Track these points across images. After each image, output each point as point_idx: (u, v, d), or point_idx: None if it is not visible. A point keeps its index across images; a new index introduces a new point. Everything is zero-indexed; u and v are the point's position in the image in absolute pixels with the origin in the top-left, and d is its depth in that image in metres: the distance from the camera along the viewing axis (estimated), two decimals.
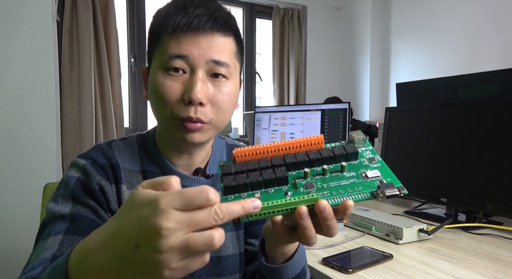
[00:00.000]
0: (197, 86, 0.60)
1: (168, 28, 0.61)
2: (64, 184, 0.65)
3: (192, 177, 0.72)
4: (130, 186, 0.69)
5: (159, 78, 0.62)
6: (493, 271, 0.79)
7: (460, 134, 1.16)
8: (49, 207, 0.64)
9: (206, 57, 0.61)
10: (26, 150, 2.31)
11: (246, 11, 3.65)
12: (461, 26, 2.99)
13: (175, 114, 0.62)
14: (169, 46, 0.61)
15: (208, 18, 0.61)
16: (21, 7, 2.29)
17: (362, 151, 0.52)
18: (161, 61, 0.62)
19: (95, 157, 0.68)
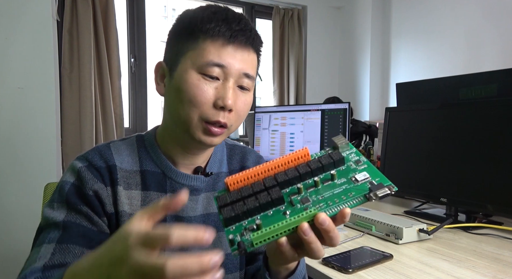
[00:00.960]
0: (229, 94, 0.65)
1: (212, 35, 0.64)
2: (59, 189, 0.66)
3: (192, 175, 0.73)
4: (127, 186, 0.69)
5: (193, 80, 0.64)
6: (493, 271, 0.79)
7: (460, 134, 1.16)
8: (45, 213, 0.65)
9: (240, 70, 0.66)
10: (26, 150, 2.31)
11: (246, 11, 3.65)
12: (461, 26, 2.99)
13: (204, 117, 0.65)
14: (210, 52, 0.64)
15: (249, 35, 0.67)
16: (21, 7, 2.29)
17: (347, 155, 0.54)
18: (198, 64, 0.64)
19: (92, 159, 0.68)
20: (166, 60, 0.70)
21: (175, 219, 0.71)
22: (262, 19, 3.77)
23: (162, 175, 0.72)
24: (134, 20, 3.04)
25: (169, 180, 0.72)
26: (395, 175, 1.36)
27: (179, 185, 0.72)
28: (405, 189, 1.34)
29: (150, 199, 0.70)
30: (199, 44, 0.65)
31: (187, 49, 0.66)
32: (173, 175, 0.72)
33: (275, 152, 1.87)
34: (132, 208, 0.68)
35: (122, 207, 0.67)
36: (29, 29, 2.30)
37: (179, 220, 0.71)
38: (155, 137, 0.74)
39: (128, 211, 0.68)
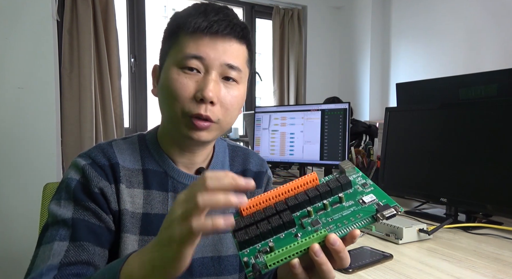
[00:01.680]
0: (210, 85, 0.64)
1: (188, 29, 0.64)
2: (65, 187, 0.66)
3: (194, 175, 0.73)
4: (129, 185, 0.69)
5: (173, 75, 0.65)
6: (493, 271, 0.79)
7: (460, 134, 1.16)
8: (52, 209, 0.64)
9: (221, 60, 0.65)
10: (26, 150, 2.31)
11: (246, 11, 3.65)
12: (461, 26, 2.99)
13: (186, 111, 0.64)
14: (187, 46, 0.64)
15: (227, 24, 0.65)
16: (21, 7, 2.29)
17: (354, 179, 0.56)
18: (177, 59, 0.65)
19: (95, 156, 0.68)
20: (159, 62, 0.72)
21: None
22: (262, 19, 3.77)
23: (164, 174, 0.72)
24: (134, 20, 3.04)
25: (170, 180, 0.72)
26: (395, 175, 1.36)
27: (180, 184, 0.72)
28: (405, 189, 1.34)
29: (152, 198, 0.70)
30: (180, 41, 0.65)
31: (169, 48, 0.67)
32: (175, 175, 0.72)
33: (275, 152, 1.87)
34: (134, 207, 0.68)
35: (124, 206, 0.67)
36: (29, 29, 2.30)
37: None
38: (156, 137, 0.75)
39: (130, 210, 0.67)
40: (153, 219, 0.69)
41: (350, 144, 1.71)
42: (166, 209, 0.71)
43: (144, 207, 0.69)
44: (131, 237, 0.67)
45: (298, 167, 1.90)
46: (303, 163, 1.80)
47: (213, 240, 0.75)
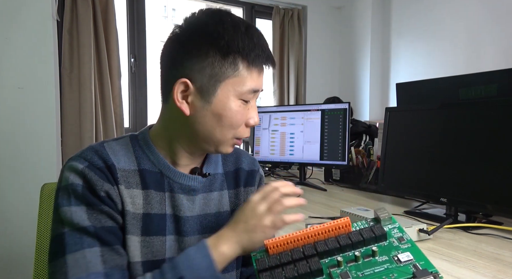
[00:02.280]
0: (256, 113, 0.73)
1: (252, 63, 0.67)
2: (72, 192, 0.64)
3: (190, 175, 0.74)
4: (128, 185, 0.68)
5: (236, 107, 0.69)
6: (493, 271, 0.79)
7: (460, 134, 1.16)
8: (65, 217, 0.63)
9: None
10: (26, 150, 2.31)
11: (246, 11, 3.65)
12: (461, 26, 2.99)
13: (239, 135, 0.72)
14: (251, 80, 0.68)
15: (269, 56, 0.71)
16: (21, 7, 2.29)
17: (389, 230, 0.53)
18: (239, 91, 0.68)
19: (91, 158, 0.67)
20: (192, 79, 0.67)
21: (173, 219, 0.71)
22: (262, 19, 3.77)
23: (160, 174, 0.72)
24: (134, 20, 3.04)
25: (167, 179, 0.72)
26: (395, 175, 1.36)
27: (177, 184, 0.72)
28: (405, 189, 1.34)
29: (151, 197, 0.70)
30: (240, 72, 0.67)
31: (226, 75, 0.66)
32: (171, 174, 0.72)
33: (275, 152, 1.87)
34: (134, 207, 0.68)
35: (126, 207, 0.67)
36: (29, 29, 2.30)
37: (177, 220, 0.72)
38: (150, 138, 0.74)
39: (131, 211, 0.67)
40: (153, 218, 0.69)
41: (350, 144, 1.71)
42: (164, 209, 0.70)
43: (144, 207, 0.69)
44: (133, 238, 0.67)
45: (298, 167, 1.90)
46: (303, 163, 1.80)
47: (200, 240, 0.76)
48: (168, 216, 0.71)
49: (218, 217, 0.77)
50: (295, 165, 2.06)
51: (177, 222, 0.72)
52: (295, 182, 1.82)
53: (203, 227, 0.74)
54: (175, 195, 0.72)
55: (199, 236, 0.74)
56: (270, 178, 2.03)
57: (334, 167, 1.78)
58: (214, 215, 0.76)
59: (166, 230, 0.70)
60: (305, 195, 1.56)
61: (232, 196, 0.80)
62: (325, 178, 1.91)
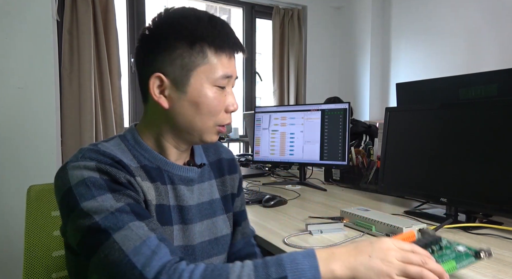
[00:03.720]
0: (235, 99, 0.76)
1: (219, 49, 0.70)
2: (92, 185, 0.61)
3: (187, 167, 0.78)
4: (141, 178, 0.69)
5: (211, 93, 0.71)
6: (493, 271, 0.79)
7: (460, 134, 1.16)
8: (93, 208, 0.59)
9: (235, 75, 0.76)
10: (26, 150, 2.31)
11: (246, 11, 3.66)
12: (461, 26, 2.99)
13: (219, 122, 0.74)
14: (222, 66, 0.71)
15: (239, 42, 0.74)
16: (21, 7, 2.29)
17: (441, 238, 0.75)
18: (212, 78, 0.71)
19: (96, 157, 0.65)
20: (165, 72, 0.70)
21: (178, 208, 0.75)
22: (262, 19, 3.78)
23: (159, 169, 0.74)
24: (134, 20, 3.04)
25: (166, 173, 0.75)
26: (395, 175, 1.36)
27: (176, 176, 0.76)
28: (405, 189, 1.34)
29: (160, 190, 0.73)
30: (209, 59, 0.70)
31: (196, 64, 0.70)
32: (169, 168, 0.76)
33: (275, 152, 1.87)
34: (151, 198, 0.70)
35: (146, 197, 0.69)
36: (29, 29, 2.30)
37: (180, 209, 0.76)
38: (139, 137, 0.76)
39: (150, 201, 0.69)
40: (164, 209, 0.73)
41: (350, 144, 1.71)
42: (168, 201, 0.74)
43: (157, 199, 0.72)
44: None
45: (298, 167, 1.90)
46: (303, 163, 1.80)
47: (207, 225, 0.80)
48: (172, 207, 0.74)
49: (212, 204, 0.83)
50: (295, 165, 2.06)
51: (180, 211, 0.75)
52: (295, 182, 1.82)
53: (202, 214, 0.80)
54: (176, 187, 0.76)
55: (200, 223, 0.79)
56: (270, 178, 2.03)
57: (334, 167, 1.78)
58: (208, 203, 0.82)
59: (173, 220, 0.74)
60: (305, 195, 1.56)
61: (219, 184, 0.87)
62: (325, 178, 1.91)
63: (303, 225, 1.10)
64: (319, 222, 1.10)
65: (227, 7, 3.81)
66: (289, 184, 1.79)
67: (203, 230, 0.79)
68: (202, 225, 0.79)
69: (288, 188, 1.70)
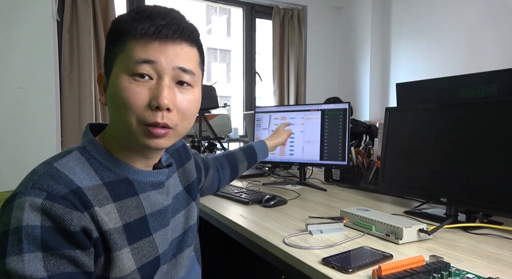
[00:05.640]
0: (164, 92, 0.62)
1: (135, 35, 0.62)
2: (25, 236, 0.53)
3: (156, 171, 0.74)
4: (100, 204, 0.62)
5: (124, 83, 0.62)
6: (493, 271, 0.79)
7: (460, 134, 1.16)
8: (14, 269, 0.52)
9: (173, 64, 0.63)
10: (26, 150, 2.31)
11: (246, 11, 3.66)
12: (461, 26, 2.99)
13: (142, 120, 0.63)
14: (136, 51, 0.62)
15: (176, 28, 0.63)
16: (21, 7, 2.29)
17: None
18: (126, 66, 0.62)
19: (49, 187, 0.57)
20: (104, 70, 0.68)
21: (155, 216, 0.71)
22: (262, 19, 3.78)
23: (127, 181, 0.68)
24: None
25: (135, 182, 0.69)
26: (395, 175, 1.36)
27: (147, 183, 0.71)
28: (405, 189, 1.34)
29: (126, 206, 0.66)
30: (127, 47, 0.63)
31: (116, 54, 0.64)
32: (138, 177, 0.70)
33: (275, 152, 1.86)
34: (113, 223, 0.63)
35: (106, 226, 0.62)
36: (29, 29, 2.30)
37: (158, 215, 0.72)
38: (103, 146, 0.69)
39: (112, 227, 0.63)
40: (134, 226, 0.67)
41: (350, 144, 1.71)
42: (143, 211, 0.69)
43: (121, 219, 0.65)
44: (124, 251, 0.64)
45: (298, 167, 1.90)
46: (303, 163, 1.80)
47: (178, 220, 0.79)
48: (149, 216, 0.70)
49: (178, 197, 0.81)
50: (295, 165, 2.06)
51: (159, 216, 0.72)
52: (295, 182, 1.82)
53: (174, 209, 0.78)
54: (149, 194, 0.71)
55: (173, 219, 0.77)
56: (270, 178, 2.03)
57: (334, 167, 1.78)
58: (176, 197, 0.80)
59: (151, 229, 0.70)
60: (305, 195, 1.56)
61: (181, 176, 0.86)
62: (325, 178, 1.91)
63: (303, 225, 1.10)
64: (319, 222, 1.10)
65: (227, 7, 3.81)
66: (289, 184, 1.79)
67: (175, 226, 0.78)
68: (176, 219, 0.78)
69: (288, 188, 1.70)
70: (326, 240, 0.99)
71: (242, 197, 1.42)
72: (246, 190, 1.57)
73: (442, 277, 0.73)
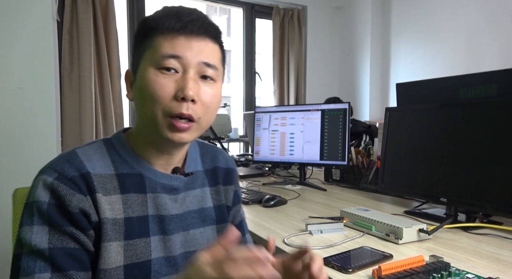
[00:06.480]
0: (190, 84, 0.64)
1: (163, 30, 0.65)
2: (36, 210, 0.61)
3: (171, 175, 0.74)
4: (106, 192, 0.65)
5: (151, 75, 0.65)
6: (493, 271, 0.79)
7: (460, 134, 1.16)
8: (25, 238, 0.60)
9: (198, 59, 0.66)
10: (26, 150, 2.31)
11: (246, 11, 3.66)
12: (461, 26, 2.99)
13: (167, 111, 0.64)
14: (163, 46, 0.65)
15: (201, 24, 0.67)
16: (21, 7, 2.29)
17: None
18: (154, 59, 0.65)
19: (61, 169, 0.63)
20: (132, 67, 0.71)
21: (157, 219, 0.71)
22: (262, 19, 3.78)
23: (140, 177, 0.70)
24: (134, 20, 3.04)
25: (148, 180, 0.70)
26: (395, 175, 1.36)
27: (158, 184, 0.71)
28: (405, 189, 1.34)
29: (131, 201, 0.68)
30: (153, 42, 0.66)
31: (144, 50, 0.67)
32: (151, 175, 0.71)
33: (275, 152, 1.87)
34: (114, 213, 0.66)
35: (104, 214, 0.64)
36: (29, 29, 2.30)
37: (161, 220, 0.71)
38: (126, 140, 0.73)
39: (110, 217, 0.65)
40: (135, 222, 0.68)
41: (350, 144, 1.71)
42: (146, 211, 0.69)
43: (125, 211, 0.67)
44: (114, 244, 0.65)
45: (298, 167, 1.90)
46: (303, 163, 1.80)
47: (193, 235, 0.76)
48: (151, 217, 0.70)
49: (201, 213, 0.77)
50: (295, 165, 2.06)
51: (161, 221, 0.71)
52: (295, 182, 1.82)
53: (187, 223, 0.75)
54: (158, 195, 0.71)
55: (184, 233, 0.74)
56: (270, 178, 2.03)
57: (334, 167, 1.78)
58: (197, 212, 0.77)
59: (150, 231, 0.69)
60: (305, 195, 1.56)
61: (213, 193, 0.82)
62: (325, 178, 1.91)
63: (303, 225, 1.10)
64: (319, 222, 1.10)
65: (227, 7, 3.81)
66: (289, 184, 1.79)
67: (188, 240, 0.74)
68: (187, 235, 0.74)
69: (288, 188, 1.70)
70: (326, 240, 0.99)
71: (242, 197, 1.42)
72: (246, 190, 1.57)
73: (442, 277, 0.73)
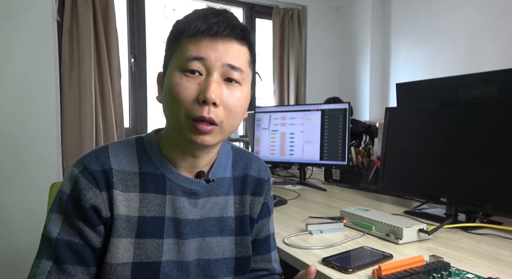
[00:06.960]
0: (212, 87, 0.63)
1: (189, 32, 0.65)
2: (58, 199, 0.67)
3: (192, 179, 0.73)
4: (125, 189, 0.68)
5: (176, 79, 0.65)
6: (493, 271, 0.79)
7: (460, 134, 1.16)
8: (47, 221, 0.67)
9: (222, 61, 0.65)
10: (26, 150, 2.31)
11: (246, 11, 3.65)
12: (461, 26, 2.99)
13: (189, 114, 0.64)
14: (188, 49, 0.65)
15: (226, 25, 0.65)
16: (21, 7, 2.29)
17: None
18: (179, 62, 0.65)
19: (87, 163, 0.67)
20: (162, 69, 0.72)
21: (173, 222, 0.71)
22: (262, 19, 3.77)
23: (162, 177, 0.71)
24: (134, 20, 3.04)
25: (168, 182, 0.71)
26: (395, 175, 1.36)
27: (178, 187, 0.71)
28: (405, 189, 1.34)
29: (149, 201, 0.69)
30: (181, 45, 0.66)
31: (172, 53, 0.68)
32: (173, 177, 0.71)
33: (275, 152, 1.87)
34: (129, 210, 0.67)
35: (117, 211, 0.66)
36: (29, 29, 2.30)
37: (177, 223, 0.71)
38: (155, 140, 0.74)
39: (124, 214, 0.67)
40: (149, 222, 0.68)
41: (350, 144, 1.71)
42: (163, 212, 0.70)
43: (140, 210, 0.68)
44: (123, 241, 0.66)
45: (298, 167, 1.90)
46: (303, 163, 1.80)
47: (209, 243, 0.74)
48: (167, 219, 0.70)
49: (220, 221, 0.75)
50: (295, 165, 2.06)
51: (177, 225, 0.71)
52: (295, 182, 1.82)
53: (204, 230, 0.73)
54: (176, 198, 0.71)
55: (199, 239, 0.73)
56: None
57: (334, 167, 1.78)
58: (216, 220, 0.75)
59: (164, 233, 0.69)
60: (305, 195, 1.56)
61: (237, 202, 0.79)
62: (325, 178, 1.91)
63: (303, 225, 1.10)
64: (319, 222, 1.10)
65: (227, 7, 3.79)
66: (289, 184, 1.79)
67: (203, 247, 0.73)
68: (203, 242, 0.73)
69: (288, 188, 1.71)
70: (326, 240, 0.99)
71: None
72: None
73: (442, 277, 0.73)
